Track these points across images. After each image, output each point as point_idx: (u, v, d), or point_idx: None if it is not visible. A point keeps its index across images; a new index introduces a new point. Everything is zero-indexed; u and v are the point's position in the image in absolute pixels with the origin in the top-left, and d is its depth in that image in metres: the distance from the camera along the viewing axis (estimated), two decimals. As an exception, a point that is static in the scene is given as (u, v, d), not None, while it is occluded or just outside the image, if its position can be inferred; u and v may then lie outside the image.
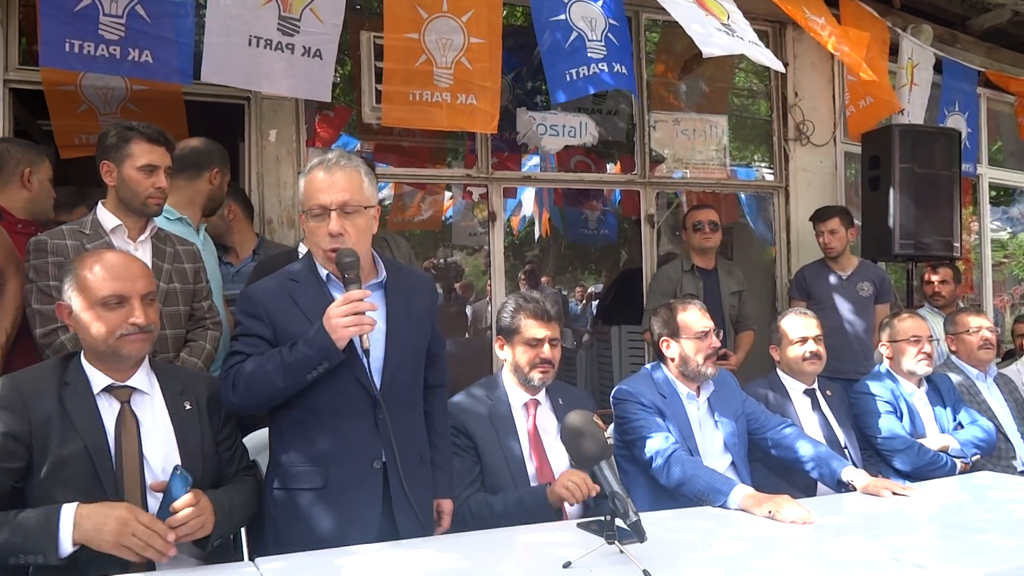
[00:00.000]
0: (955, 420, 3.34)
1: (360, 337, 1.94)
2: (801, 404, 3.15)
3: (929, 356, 3.34)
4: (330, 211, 1.97)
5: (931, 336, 3.40)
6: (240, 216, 3.53)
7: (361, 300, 1.92)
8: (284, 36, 3.47)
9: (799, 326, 3.19)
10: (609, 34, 3.90)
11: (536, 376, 2.55)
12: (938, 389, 3.40)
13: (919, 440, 3.20)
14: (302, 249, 2.99)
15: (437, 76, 3.70)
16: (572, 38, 3.85)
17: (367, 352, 1.96)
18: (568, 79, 3.84)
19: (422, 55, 3.67)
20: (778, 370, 3.24)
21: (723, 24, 3.50)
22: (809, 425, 3.09)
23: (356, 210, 2.00)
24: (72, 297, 1.99)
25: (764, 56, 3.57)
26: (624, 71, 3.90)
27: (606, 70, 3.84)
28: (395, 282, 2.13)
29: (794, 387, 3.18)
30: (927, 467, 3.11)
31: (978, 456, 3.24)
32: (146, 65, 3.26)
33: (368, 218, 2.04)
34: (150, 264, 2.50)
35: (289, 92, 3.66)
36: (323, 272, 2.06)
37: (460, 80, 3.72)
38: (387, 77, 3.64)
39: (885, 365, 3.44)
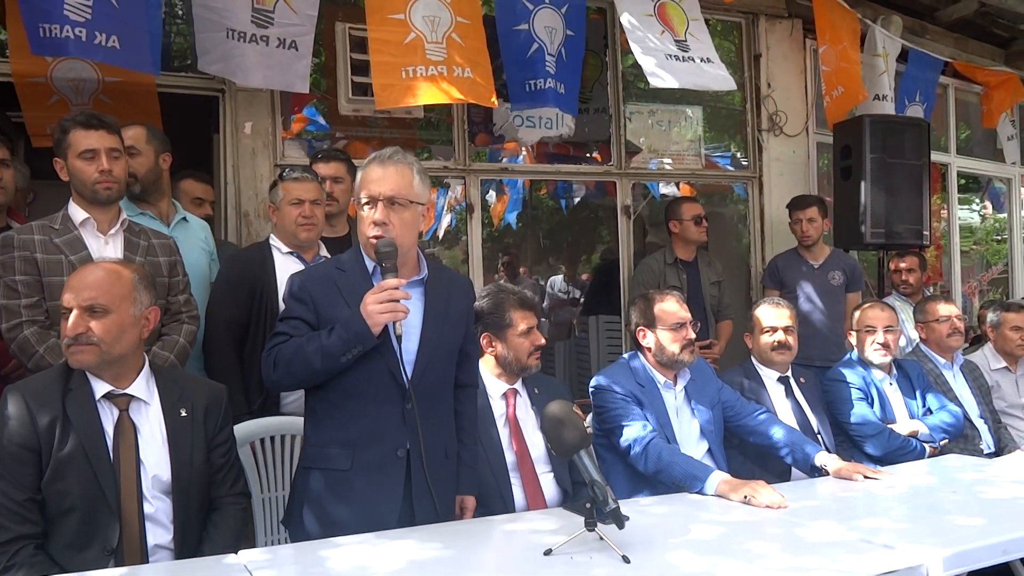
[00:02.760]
0: (924, 406, 3.42)
1: (394, 324, 2.01)
2: (775, 391, 3.21)
3: (884, 346, 3.38)
4: (377, 201, 2.04)
5: (889, 326, 3.44)
6: None
7: (396, 289, 1.98)
8: (259, 28, 3.45)
9: (771, 316, 3.23)
10: (563, 48, 3.99)
11: (533, 363, 2.61)
12: (908, 376, 3.47)
13: (889, 426, 3.27)
14: (273, 241, 3.01)
15: (429, 51, 3.57)
16: (532, 49, 3.93)
17: (400, 338, 2.03)
18: (527, 89, 3.96)
19: (411, 33, 3.55)
20: (752, 358, 3.29)
21: (677, 41, 3.51)
22: (783, 412, 3.14)
23: (403, 204, 2.07)
24: None
25: (712, 80, 3.58)
26: (563, 91, 4.00)
27: (553, 87, 3.95)
28: (436, 280, 2.19)
29: (768, 375, 3.23)
30: (897, 452, 3.18)
31: (946, 440, 3.31)
32: (114, 51, 3.18)
33: (415, 213, 2.11)
34: (121, 257, 2.48)
35: (264, 84, 3.64)
36: (369, 264, 2.13)
37: (453, 54, 3.61)
38: (376, 69, 3.53)
39: (856, 352, 3.51)
